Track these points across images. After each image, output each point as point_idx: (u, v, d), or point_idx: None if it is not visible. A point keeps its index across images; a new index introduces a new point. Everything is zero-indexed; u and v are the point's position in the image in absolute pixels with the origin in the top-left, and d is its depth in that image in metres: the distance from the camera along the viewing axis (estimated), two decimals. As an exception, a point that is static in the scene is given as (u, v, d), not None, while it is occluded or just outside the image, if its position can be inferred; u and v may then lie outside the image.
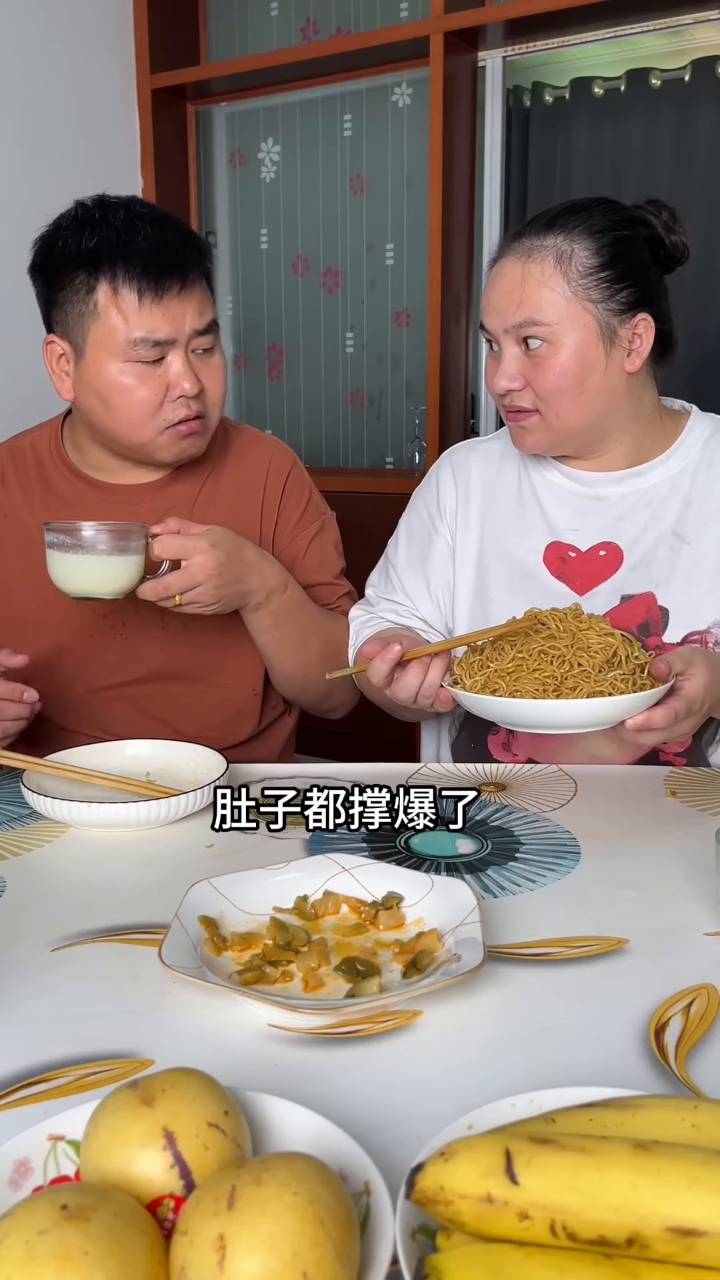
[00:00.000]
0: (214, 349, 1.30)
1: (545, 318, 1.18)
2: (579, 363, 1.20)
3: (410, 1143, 0.58)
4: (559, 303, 1.18)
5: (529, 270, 1.19)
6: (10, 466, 1.40)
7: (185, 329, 1.25)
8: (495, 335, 1.23)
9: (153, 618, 1.38)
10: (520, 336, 1.20)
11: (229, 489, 1.40)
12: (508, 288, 1.20)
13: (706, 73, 2.83)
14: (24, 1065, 0.68)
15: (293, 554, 1.43)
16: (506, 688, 1.04)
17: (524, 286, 1.19)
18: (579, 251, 1.19)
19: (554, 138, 3.06)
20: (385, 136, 3.24)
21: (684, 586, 1.26)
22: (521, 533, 1.33)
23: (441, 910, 0.83)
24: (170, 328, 1.23)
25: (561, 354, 1.19)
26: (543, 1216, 0.46)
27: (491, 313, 1.23)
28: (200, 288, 1.27)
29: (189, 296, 1.25)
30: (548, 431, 1.24)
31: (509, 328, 1.20)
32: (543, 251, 1.19)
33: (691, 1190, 0.45)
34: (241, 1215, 0.44)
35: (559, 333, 1.18)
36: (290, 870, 0.90)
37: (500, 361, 1.23)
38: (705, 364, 2.90)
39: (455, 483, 1.39)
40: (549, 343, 1.19)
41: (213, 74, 3.27)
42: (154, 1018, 0.74)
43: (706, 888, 0.91)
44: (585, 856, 1.00)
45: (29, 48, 2.95)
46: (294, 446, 3.68)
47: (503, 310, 1.21)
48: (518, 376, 1.21)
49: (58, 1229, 0.44)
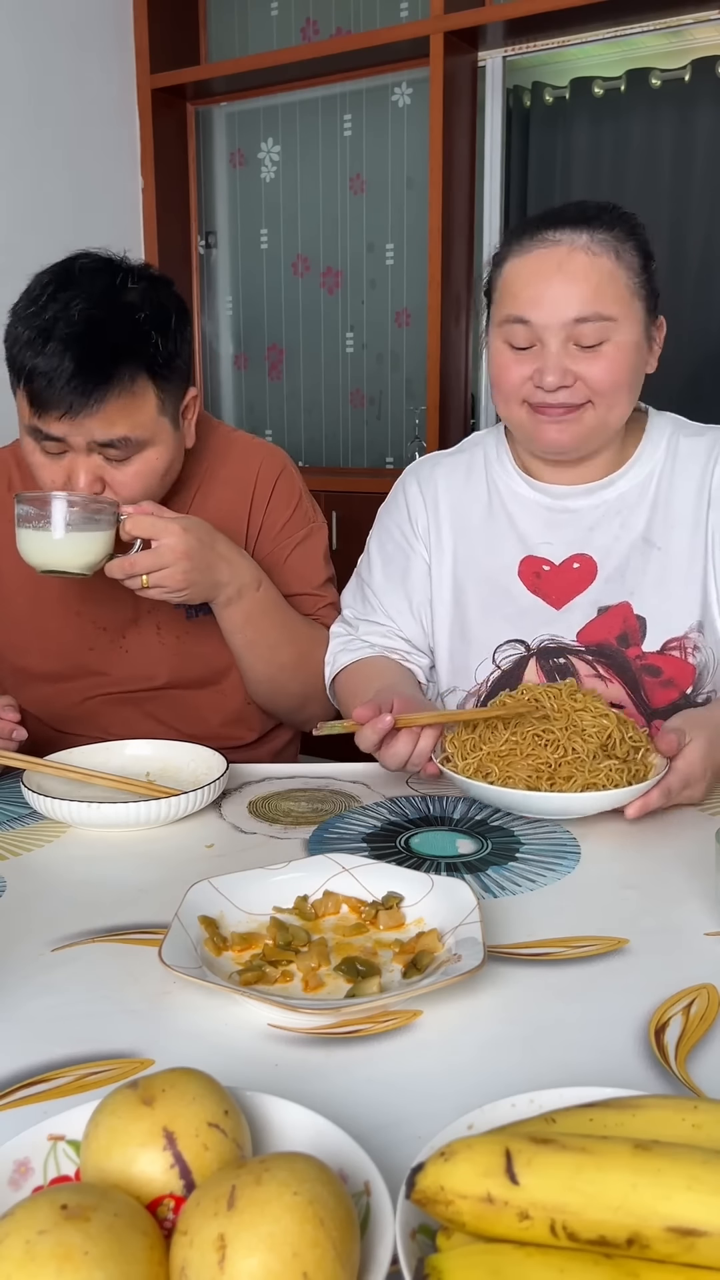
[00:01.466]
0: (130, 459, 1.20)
1: (612, 311, 1.16)
2: (637, 357, 1.19)
3: (410, 1143, 0.58)
4: (624, 296, 1.17)
5: (596, 262, 1.15)
6: (16, 471, 1.39)
7: (81, 440, 1.17)
8: (541, 331, 1.17)
9: (150, 630, 1.37)
10: (575, 331, 1.16)
11: (219, 497, 1.39)
12: (572, 278, 1.15)
13: (706, 73, 2.83)
14: (24, 1065, 0.68)
15: (274, 562, 1.40)
16: (499, 773, 1.05)
17: (591, 275, 1.15)
18: (629, 250, 1.18)
19: (554, 138, 3.06)
20: (385, 136, 3.25)
21: (658, 592, 1.25)
22: (494, 548, 1.31)
23: (441, 910, 0.83)
24: (61, 431, 1.17)
25: (624, 348, 1.17)
26: (543, 1216, 0.46)
27: (545, 305, 1.16)
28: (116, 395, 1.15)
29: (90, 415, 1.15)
30: (591, 427, 1.21)
31: (568, 321, 1.15)
32: (605, 245, 1.16)
33: (691, 1190, 0.45)
34: (241, 1215, 0.44)
35: (621, 327, 1.16)
36: (290, 870, 0.90)
37: (539, 360, 1.18)
38: (705, 364, 2.90)
39: (424, 500, 1.36)
40: (609, 337, 1.16)
41: (213, 74, 3.27)
42: (154, 1018, 0.74)
43: (706, 888, 0.91)
44: (585, 856, 1.00)
45: (29, 48, 2.95)
46: (294, 446, 3.68)
47: (566, 301, 1.15)
48: (569, 372, 1.17)
49: (58, 1229, 0.44)
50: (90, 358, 1.14)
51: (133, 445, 1.20)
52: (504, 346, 1.21)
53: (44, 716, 1.41)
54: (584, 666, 1.26)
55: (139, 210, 3.40)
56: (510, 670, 1.28)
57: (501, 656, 1.29)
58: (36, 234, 2.70)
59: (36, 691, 1.39)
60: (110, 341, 1.16)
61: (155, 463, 1.23)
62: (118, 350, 1.16)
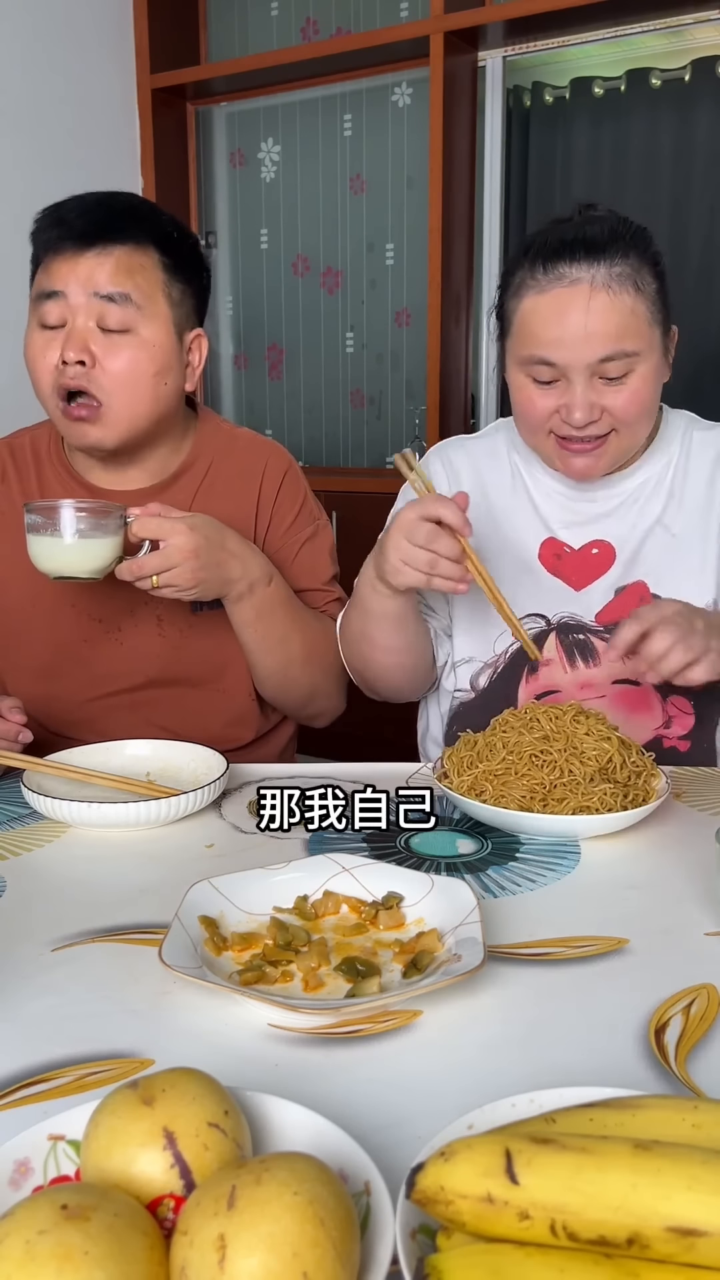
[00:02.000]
0: (128, 331, 1.22)
1: (636, 346, 1.15)
2: (655, 381, 1.20)
3: (410, 1143, 0.58)
4: (644, 330, 1.16)
5: (618, 300, 1.14)
6: (11, 463, 1.40)
7: (82, 286, 1.20)
8: (566, 370, 1.17)
9: (148, 624, 1.37)
10: (600, 368, 1.16)
11: (224, 494, 1.39)
12: (597, 320, 1.14)
13: (706, 73, 2.83)
14: (24, 1065, 0.68)
15: (283, 558, 1.42)
16: (493, 791, 1.05)
17: (614, 316, 1.14)
18: (645, 275, 1.16)
19: (554, 138, 3.06)
20: (385, 136, 3.24)
21: (673, 574, 1.28)
22: (517, 526, 1.34)
23: (441, 910, 0.83)
24: (63, 282, 1.21)
25: (647, 376, 1.18)
26: (543, 1216, 0.46)
27: (569, 346, 1.15)
28: (125, 252, 1.21)
29: (99, 257, 1.20)
30: (617, 450, 1.23)
31: (594, 362, 1.15)
32: (623, 279, 1.14)
33: (691, 1190, 0.45)
34: (241, 1215, 0.44)
35: (644, 357, 1.17)
36: (290, 870, 0.90)
37: (564, 395, 1.18)
38: (705, 364, 2.90)
39: (447, 476, 1.38)
40: (634, 369, 1.17)
41: (213, 74, 3.27)
42: (154, 1018, 0.74)
43: (706, 888, 0.91)
44: (585, 856, 1.00)
45: (29, 48, 2.95)
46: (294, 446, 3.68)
47: (590, 344, 1.14)
48: (596, 406, 1.18)
49: (58, 1229, 0.44)
50: (101, 210, 1.23)
51: (132, 310, 1.22)
52: (527, 381, 1.21)
53: (43, 720, 1.41)
54: (602, 645, 1.29)
55: (139, 210, 3.40)
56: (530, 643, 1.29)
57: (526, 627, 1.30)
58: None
59: (34, 689, 1.39)
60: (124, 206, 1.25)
61: (153, 352, 1.25)
62: (131, 211, 1.25)
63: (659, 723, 1.30)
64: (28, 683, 1.40)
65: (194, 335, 1.33)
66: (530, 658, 1.23)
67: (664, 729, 1.30)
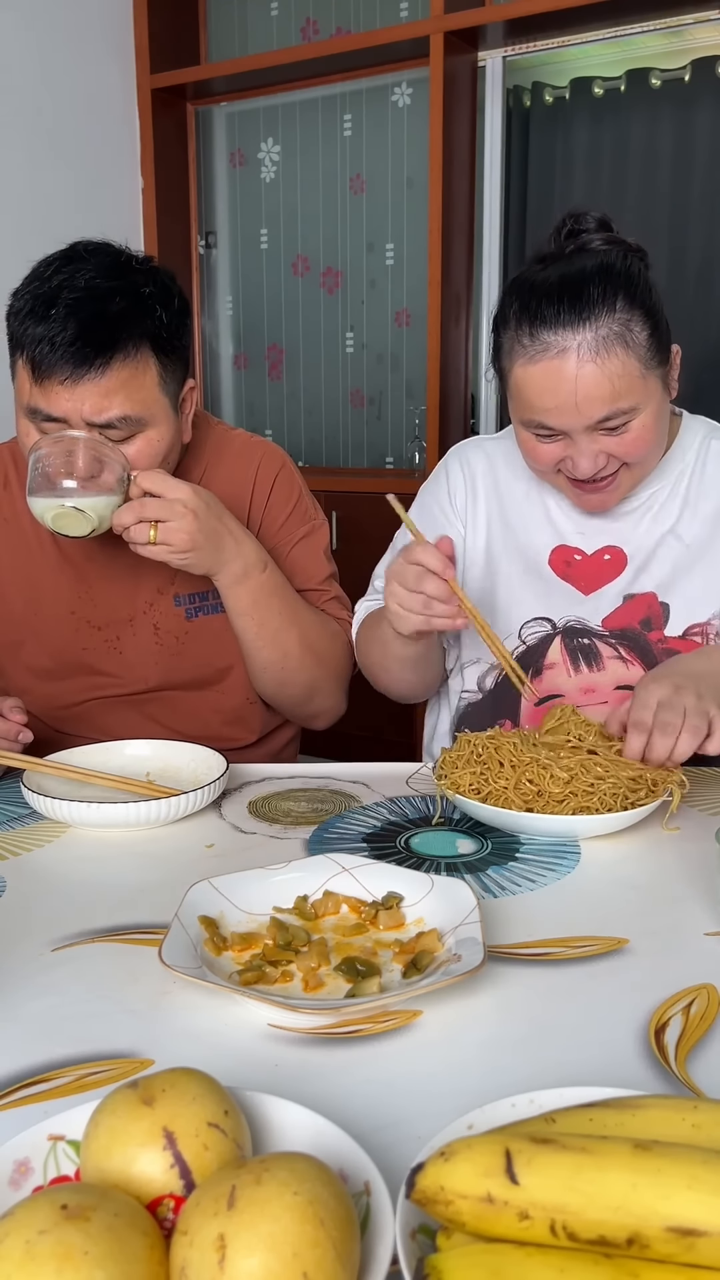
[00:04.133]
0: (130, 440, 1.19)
1: (630, 403, 1.14)
2: (659, 421, 1.19)
3: (410, 1143, 0.58)
4: (638, 384, 1.14)
5: (605, 366, 1.12)
6: (13, 468, 1.39)
7: (83, 416, 1.16)
8: (566, 430, 1.17)
9: (145, 632, 1.36)
10: (602, 426, 1.15)
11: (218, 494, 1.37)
12: (586, 389, 1.12)
13: (706, 73, 2.83)
14: (24, 1065, 0.68)
15: (276, 557, 1.39)
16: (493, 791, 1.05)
17: (604, 384, 1.12)
18: (634, 325, 1.13)
19: (554, 138, 3.06)
20: (385, 136, 3.24)
21: (683, 582, 1.28)
22: (530, 530, 1.34)
23: (441, 910, 0.83)
24: (61, 411, 1.16)
25: (647, 423, 1.17)
26: (543, 1216, 0.46)
27: (564, 414, 1.15)
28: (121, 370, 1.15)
29: (95, 380, 1.14)
30: (630, 483, 1.23)
31: (591, 425, 1.15)
32: (609, 342, 1.12)
33: (691, 1190, 0.45)
34: (241, 1215, 0.44)
35: (640, 407, 1.15)
36: (290, 870, 0.90)
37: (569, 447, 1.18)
38: (705, 364, 2.90)
39: (464, 477, 1.38)
40: (634, 418, 1.16)
41: (213, 74, 3.27)
42: (154, 1018, 0.74)
43: (706, 888, 0.91)
44: (585, 857, 1.00)
45: (30, 48, 2.95)
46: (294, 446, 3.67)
47: (583, 412, 1.14)
48: (601, 455, 1.18)
49: (58, 1229, 0.44)
50: (95, 323, 1.14)
51: (132, 424, 1.18)
52: (530, 435, 1.21)
53: (43, 716, 1.41)
54: (607, 649, 1.29)
55: (139, 210, 3.40)
56: (535, 646, 1.30)
57: (528, 632, 1.31)
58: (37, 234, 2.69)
59: (35, 690, 1.39)
60: (115, 310, 1.15)
61: (156, 444, 1.22)
62: (123, 317, 1.15)
63: None
64: (29, 683, 1.40)
65: (186, 389, 1.28)
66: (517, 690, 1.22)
67: None
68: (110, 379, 1.15)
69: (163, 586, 1.36)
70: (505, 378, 1.22)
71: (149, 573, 1.34)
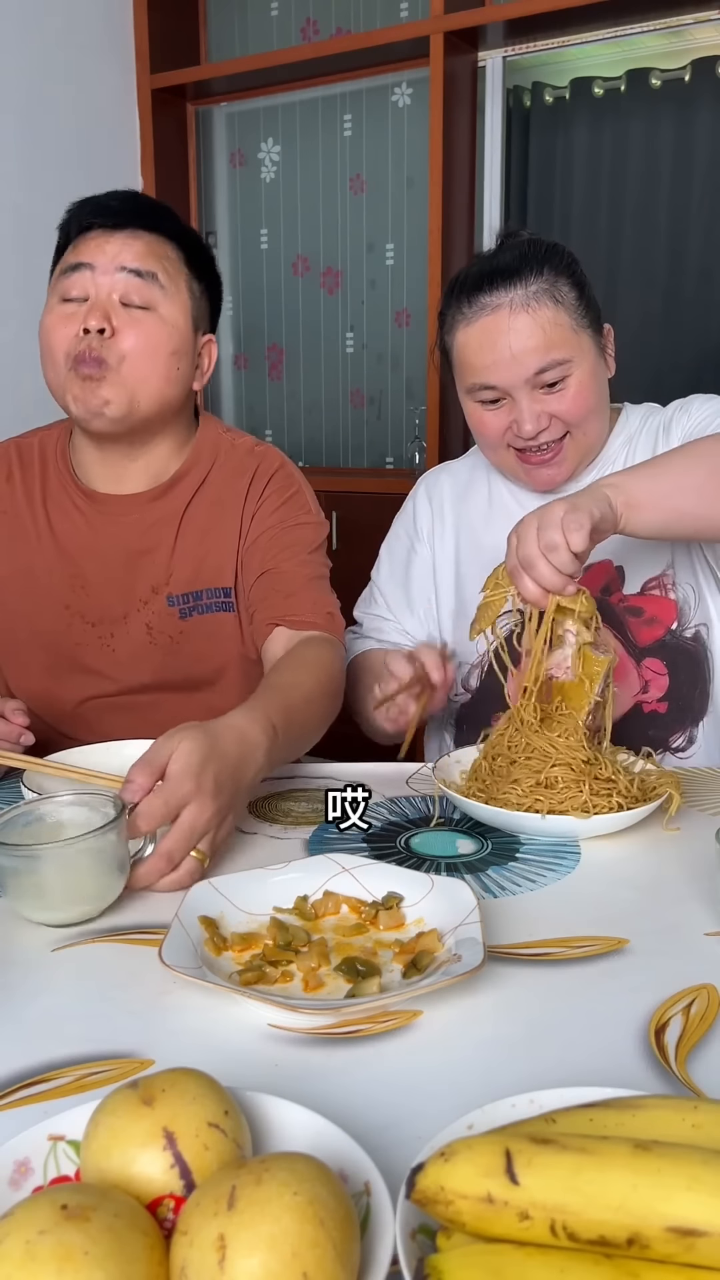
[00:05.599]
0: (149, 308, 1.26)
1: (564, 354, 1.25)
2: (595, 380, 1.29)
3: (410, 1143, 0.58)
4: (571, 335, 1.25)
5: (537, 316, 1.24)
6: (17, 463, 1.39)
7: (110, 260, 1.25)
8: (507, 389, 1.27)
9: (138, 630, 1.36)
10: (537, 380, 1.25)
11: (218, 498, 1.38)
12: (521, 339, 1.24)
13: (706, 73, 2.83)
14: (24, 1065, 0.68)
15: (267, 541, 1.34)
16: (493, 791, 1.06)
17: (537, 332, 1.24)
18: (561, 285, 1.26)
19: (554, 138, 3.06)
20: (385, 136, 3.24)
21: (632, 545, 1.33)
22: (494, 534, 1.38)
23: (441, 910, 0.83)
24: (91, 256, 1.25)
25: (584, 378, 1.27)
26: (543, 1216, 0.46)
27: (503, 368, 1.25)
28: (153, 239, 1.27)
29: (129, 238, 1.26)
30: (575, 453, 1.31)
31: (529, 376, 1.25)
32: (539, 296, 1.24)
33: (691, 1190, 0.45)
34: (241, 1215, 0.44)
35: (577, 361, 1.26)
36: (290, 870, 0.90)
37: (513, 411, 1.28)
38: (705, 364, 2.90)
39: (430, 502, 1.49)
40: (570, 373, 1.25)
41: (213, 74, 3.27)
42: (154, 1018, 0.74)
43: (706, 888, 0.91)
44: (585, 857, 1.00)
45: (29, 48, 2.95)
46: (294, 446, 3.67)
47: (521, 362, 1.24)
48: (543, 414, 1.27)
49: (58, 1229, 0.44)
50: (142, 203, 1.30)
51: (156, 289, 1.26)
52: (476, 406, 1.32)
53: (44, 716, 1.41)
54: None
55: (139, 210, 3.40)
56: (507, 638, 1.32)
57: (501, 624, 1.34)
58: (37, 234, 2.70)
59: (35, 686, 1.39)
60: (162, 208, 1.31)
61: (169, 331, 1.28)
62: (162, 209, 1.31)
63: (637, 688, 1.33)
64: (28, 680, 1.40)
65: (206, 339, 1.36)
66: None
67: (643, 694, 1.33)
68: (146, 240, 1.27)
69: (157, 585, 1.35)
70: (450, 355, 1.34)
71: (144, 571, 1.34)
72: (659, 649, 1.32)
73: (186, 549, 1.35)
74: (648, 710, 1.32)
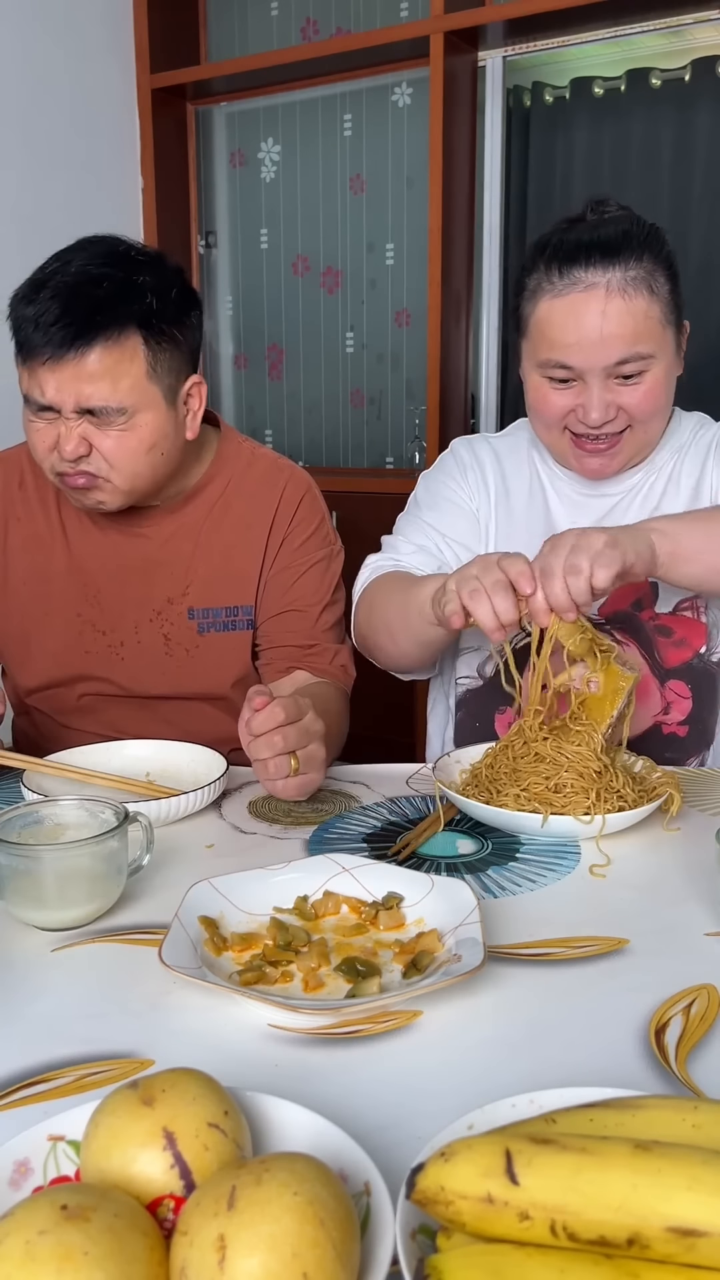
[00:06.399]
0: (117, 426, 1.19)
1: (649, 348, 1.19)
2: (669, 378, 1.24)
3: (410, 1143, 0.58)
4: (658, 331, 1.19)
5: (632, 304, 1.17)
6: (30, 471, 1.39)
7: (67, 400, 1.17)
8: (582, 373, 1.20)
9: (154, 641, 1.36)
10: (615, 370, 1.19)
11: (239, 513, 1.38)
12: (611, 325, 1.16)
13: (706, 73, 2.83)
14: (24, 1065, 0.68)
15: (288, 577, 1.38)
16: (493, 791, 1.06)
17: (628, 321, 1.17)
18: (659, 276, 1.19)
19: (554, 138, 3.06)
20: (385, 136, 3.24)
21: None
22: (532, 531, 1.35)
23: (441, 910, 0.83)
24: (47, 396, 1.18)
25: (660, 375, 1.21)
26: (543, 1217, 0.46)
27: (585, 351, 1.18)
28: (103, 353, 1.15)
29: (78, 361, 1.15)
30: (632, 447, 1.26)
31: (609, 365, 1.18)
32: (637, 283, 1.17)
33: (691, 1190, 0.45)
34: (241, 1215, 0.44)
35: (657, 358, 1.20)
36: (290, 870, 0.90)
37: (581, 395, 1.21)
38: (705, 364, 2.90)
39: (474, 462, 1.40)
40: (648, 369, 1.20)
41: (213, 74, 3.26)
42: (154, 1018, 0.74)
43: (706, 888, 0.91)
44: (585, 857, 1.00)
45: (29, 47, 2.95)
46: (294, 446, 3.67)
47: (605, 348, 1.17)
48: (613, 405, 1.21)
49: (58, 1229, 0.44)
50: (78, 303, 1.14)
51: (114, 412, 1.18)
52: (543, 381, 1.24)
53: (47, 710, 1.41)
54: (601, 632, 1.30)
55: (139, 210, 3.40)
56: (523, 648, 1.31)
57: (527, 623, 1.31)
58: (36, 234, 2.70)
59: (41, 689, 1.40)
60: (101, 294, 1.16)
61: (145, 434, 1.21)
62: (108, 301, 1.16)
63: (658, 709, 1.31)
64: (35, 682, 1.40)
65: (190, 384, 1.27)
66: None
67: (663, 715, 1.31)
68: (92, 362, 1.15)
69: (174, 597, 1.36)
70: (525, 323, 1.24)
71: (160, 582, 1.34)
72: (685, 671, 1.29)
73: (207, 563, 1.36)
74: (667, 732, 1.30)
